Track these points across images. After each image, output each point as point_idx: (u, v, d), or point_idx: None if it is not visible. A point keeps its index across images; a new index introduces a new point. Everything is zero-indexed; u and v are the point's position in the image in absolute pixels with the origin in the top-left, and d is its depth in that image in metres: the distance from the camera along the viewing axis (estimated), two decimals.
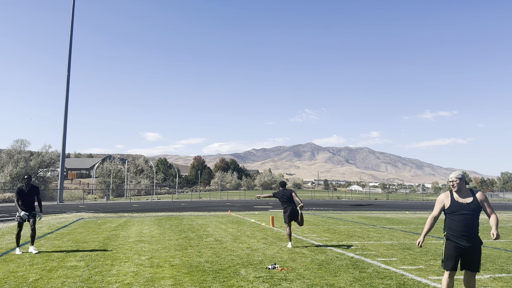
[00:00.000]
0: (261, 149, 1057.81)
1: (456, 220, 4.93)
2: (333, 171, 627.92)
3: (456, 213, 4.93)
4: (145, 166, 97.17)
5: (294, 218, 10.35)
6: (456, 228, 4.93)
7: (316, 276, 6.77)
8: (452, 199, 5.00)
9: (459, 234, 4.89)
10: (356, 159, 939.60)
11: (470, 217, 4.86)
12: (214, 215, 21.52)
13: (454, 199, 4.98)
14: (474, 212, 4.86)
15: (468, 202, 4.90)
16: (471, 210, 4.86)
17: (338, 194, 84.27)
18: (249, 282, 6.29)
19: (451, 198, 5.01)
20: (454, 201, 4.97)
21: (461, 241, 4.88)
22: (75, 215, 21.25)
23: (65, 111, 42.83)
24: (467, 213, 4.86)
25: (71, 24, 44.27)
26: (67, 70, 43.12)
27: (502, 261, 8.43)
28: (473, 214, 4.86)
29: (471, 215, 4.85)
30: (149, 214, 22.25)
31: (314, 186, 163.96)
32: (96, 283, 6.20)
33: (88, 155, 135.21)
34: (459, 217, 4.90)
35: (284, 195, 10.48)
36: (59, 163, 47.73)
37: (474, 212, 4.86)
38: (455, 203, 4.96)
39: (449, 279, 4.96)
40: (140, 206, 33.79)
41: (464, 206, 4.89)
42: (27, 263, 7.72)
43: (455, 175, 5.03)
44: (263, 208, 31.45)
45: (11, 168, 53.28)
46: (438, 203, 5.11)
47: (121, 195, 62.88)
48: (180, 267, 7.41)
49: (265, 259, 8.30)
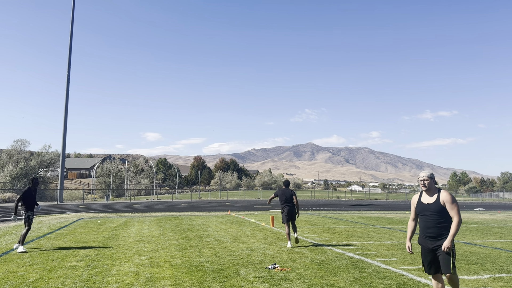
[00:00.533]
0: (261, 149, 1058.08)
1: (421, 222, 4.85)
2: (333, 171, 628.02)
3: (420, 214, 4.84)
4: (145, 166, 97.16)
5: (292, 218, 10.46)
6: (421, 230, 4.85)
7: (316, 276, 6.78)
8: (418, 200, 4.90)
9: (423, 236, 4.82)
10: (356, 159, 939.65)
11: (431, 218, 4.71)
12: (214, 215, 21.52)
13: (420, 200, 4.87)
14: (435, 213, 4.70)
15: (430, 203, 4.76)
16: (432, 211, 4.71)
17: (338, 194, 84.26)
18: (249, 282, 6.29)
19: (418, 199, 4.91)
20: (419, 202, 4.87)
21: (425, 243, 4.79)
22: (75, 215, 21.25)
23: (65, 111, 42.82)
24: (429, 214, 4.73)
25: (71, 24, 44.27)
26: (67, 70, 43.12)
27: (502, 261, 8.43)
28: (434, 216, 4.70)
29: (433, 216, 4.70)
30: (149, 214, 22.25)
31: (314, 186, 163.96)
32: (96, 283, 6.20)
33: (88, 155, 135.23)
34: (422, 218, 4.82)
35: (284, 194, 10.56)
36: (59, 163, 47.72)
37: (435, 213, 4.70)
38: (420, 204, 4.86)
39: (435, 281, 4.89)
40: (140, 206, 33.79)
41: (425, 207, 4.78)
42: (27, 263, 7.72)
43: (425, 174, 4.88)
44: (263, 208, 31.45)
45: (11, 168, 53.27)
46: (412, 205, 5.02)
47: (121, 195, 62.89)
48: (180, 267, 7.41)
49: (265, 259, 8.30)
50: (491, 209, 36.76)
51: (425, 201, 4.81)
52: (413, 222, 5.04)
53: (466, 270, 7.50)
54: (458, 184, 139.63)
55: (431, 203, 4.74)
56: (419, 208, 4.85)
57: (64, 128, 42.86)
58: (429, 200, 4.78)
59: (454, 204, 4.67)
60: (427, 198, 4.82)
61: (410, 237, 5.08)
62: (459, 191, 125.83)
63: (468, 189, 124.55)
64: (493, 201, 74.64)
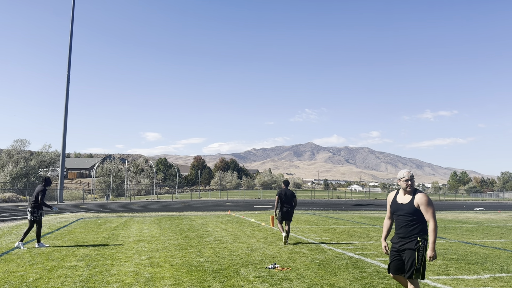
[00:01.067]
0: (261, 149, 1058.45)
1: (395, 221, 4.73)
2: (333, 171, 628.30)
3: (394, 214, 4.71)
4: (145, 166, 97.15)
5: (287, 219, 10.69)
6: (395, 230, 4.72)
7: (316, 276, 6.78)
8: (394, 199, 4.74)
9: (395, 236, 4.69)
10: (356, 159, 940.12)
11: (403, 219, 4.55)
12: (214, 215, 21.53)
13: (395, 199, 4.72)
14: (408, 214, 4.53)
15: (404, 203, 4.60)
16: (405, 212, 4.55)
17: (338, 194, 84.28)
18: (249, 282, 6.29)
19: (394, 197, 4.75)
20: (394, 201, 4.72)
21: (395, 243, 4.66)
22: (75, 215, 21.26)
23: (65, 111, 42.83)
24: (401, 214, 4.58)
25: (71, 24, 44.28)
26: (67, 70, 43.12)
27: (502, 261, 8.43)
28: (406, 216, 4.54)
29: (404, 217, 4.54)
30: (149, 214, 22.26)
31: (314, 186, 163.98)
32: (96, 283, 6.20)
33: (88, 155, 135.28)
34: (396, 218, 4.69)
35: (285, 194, 10.74)
36: (59, 163, 47.73)
37: (408, 214, 4.53)
38: (394, 203, 4.71)
39: (399, 282, 4.76)
40: (140, 206, 33.80)
41: (399, 207, 4.62)
42: (27, 263, 7.72)
43: (409, 174, 4.62)
44: (263, 208, 31.46)
45: (11, 168, 53.29)
46: (387, 202, 4.87)
47: (121, 195, 62.90)
48: (180, 267, 7.41)
49: (265, 259, 8.30)
50: (491, 208, 36.78)
51: (400, 200, 4.66)
52: (388, 221, 4.91)
53: (466, 269, 7.50)
54: (458, 183, 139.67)
55: (405, 203, 4.58)
56: (393, 207, 4.71)
57: (64, 127, 42.87)
58: (404, 200, 4.62)
59: (429, 207, 4.47)
60: (403, 198, 4.66)
61: (385, 236, 4.93)
62: (459, 190, 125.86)
63: (468, 188, 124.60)
64: (493, 200, 74.66)
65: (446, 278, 6.77)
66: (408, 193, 4.62)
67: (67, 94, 42.97)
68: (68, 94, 43.12)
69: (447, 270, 7.45)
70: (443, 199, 73.97)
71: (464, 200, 75.15)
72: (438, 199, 73.13)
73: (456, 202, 60.64)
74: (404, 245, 4.54)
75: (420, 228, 4.51)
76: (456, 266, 7.83)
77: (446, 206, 41.89)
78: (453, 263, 8.10)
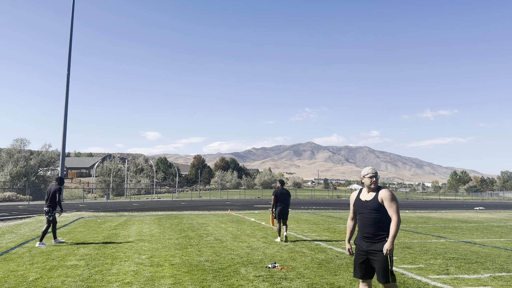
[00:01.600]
0: (261, 148, 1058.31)
1: (358, 221, 4.45)
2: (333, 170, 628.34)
3: (358, 213, 4.45)
4: (145, 165, 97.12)
5: (284, 217, 11.12)
6: (358, 230, 4.45)
7: (316, 275, 6.77)
8: (357, 198, 4.51)
9: (359, 236, 4.41)
10: (356, 158, 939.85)
11: (368, 216, 4.30)
12: (214, 214, 21.53)
13: (359, 197, 4.49)
14: (372, 211, 4.28)
15: (368, 200, 4.37)
16: (369, 209, 4.31)
17: (338, 193, 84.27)
18: (249, 281, 6.29)
19: (357, 196, 4.52)
20: (358, 199, 4.48)
21: (361, 244, 4.37)
22: (75, 214, 21.25)
23: (65, 110, 42.80)
24: (366, 212, 4.33)
25: (71, 23, 44.23)
26: (67, 69, 43.09)
27: (502, 260, 8.43)
28: (371, 214, 4.29)
29: (369, 215, 4.29)
30: (149, 213, 22.26)
31: (314, 185, 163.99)
32: (96, 282, 6.20)
33: (88, 154, 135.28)
34: (360, 217, 4.42)
35: (282, 194, 11.22)
36: (59, 162, 47.69)
37: (372, 211, 4.28)
38: (358, 201, 4.47)
39: (362, 285, 4.44)
40: (140, 205, 33.80)
41: (363, 204, 4.39)
42: (27, 262, 7.72)
43: (373, 170, 4.43)
44: (263, 207, 31.46)
45: (11, 167, 53.26)
46: (350, 202, 4.62)
47: (121, 194, 62.90)
48: (180, 266, 7.41)
49: (265, 258, 8.30)
50: (491, 208, 36.78)
51: (364, 198, 4.43)
52: (352, 222, 4.62)
53: (466, 269, 7.50)
54: (458, 183, 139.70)
55: (369, 200, 4.36)
56: (356, 205, 4.47)
57: (64, 127, 42.86)
58: (368, 197, 4.40)
59: (393, 202, 4.26)
60: (366, 195, 4.43)
61: (349, 238, 4.62)
62: (459, 190, 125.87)
63: (468, 188, 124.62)
64: (493, 200, 74.65)
65: (446, 278, 6.77)
66: (372, 190, 4.41)
67: (67, 93, 42.94)
68: (68, 93, 43.08)
69: (447, 269, 7.44)
70: (443, 199, 73.97)
71: (464, 199, 75.16)
72: (438, 199, 73.15)
73: (456, 201, 60.65)
74: (373, 246, 4.27)
75: (387, 226, 4.27)
76: (456, 265, 7.83)
77: (446, 205, 41.90)
78: (453, 263, 8.10)
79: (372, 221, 4.28)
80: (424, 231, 14.19)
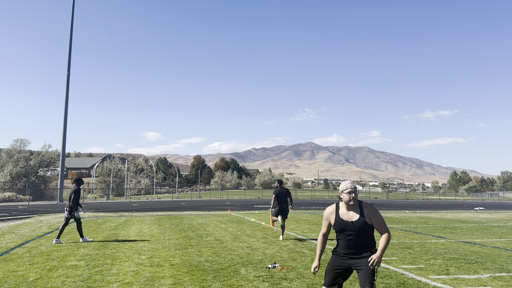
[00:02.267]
0: (261, 148, 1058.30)
1: (341, 240, 4.08)
2: (333, 171, 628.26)
3: (341, 233, 4.06)
4: (145, 165, 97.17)
5: (283, 215, 11.55)
6: (340, 249, 4.09)
7: (316, 276, 6.77)
8: (337, 216, 4.08)
9: (343, 254, 4.05)
10: (356, 159, 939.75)
11: (355, 238, 3.97)
12: (214, 215, 21.53)
13: (339, 216, 4.06)
14: (359, 232, 3.97)
15: (354, 221, 3.98)
16: (355, 230, 3.96)
17: (338, 193, 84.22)
18: (249, 281, 6.29)
19: (336, 214, 4.09)
20: (339, 218, 4.05)
21: (344, 262, 4.06)
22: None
23: (65, 111, 42.83)
24: (352, 233, 3.98)
25: (71, 23, 44.27)
26: (67, 70, 43.12)
27: (502, 260, 8.43)
28: (358, 235, 3.97)
29: (357, 236, 3.98)
30: (149, 214, 22.26)
31: (314, 186, 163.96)
32: (96, 282, 6.20)
33: (88, 154, 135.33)
34: (342, 237, 4.05)
35: (281, 193, 11.59)
36: (59, 163, 47.74)
37: (359, 232, 3.97)
38: (339, 220, 4.04)
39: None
40: (140, 205, 33.80)
41: (348, 226, 3.99)
42: (27, 262, 7.72)
43: (352, 185, 4.06)
44: (263, 207, 31.46)
45: (11, 167, 53.26)
46: (325, 219, 4.20)
47: (121, 194, 62.92)
48: (180, 267, 7.41)
49: (265, 259, 8.30)
50: (491, 208, 36.77)
51: (346, 217, 4.03)
52: (324, 238, 4.24)
53: (466, 269, 7.50)
54: (458, 183, 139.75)
55: (355, 220, 3.99)
56: (338, 225, 4.05)
57: (64, 127, 42.88)
58: (351, 216, 4.01)
59: (382, 220, 4.02)
60: (348, 213, 4.04)
61: (320, 255, 4.23)
62: (459, 190, 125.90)
63: (468, 188, 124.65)
64: (493, 200, 74.65)
65: (446, 278, 6.76)
66: (352, 208, 4.03)
67: (67, 93, 42.96)
68: (68, 93, 43.13)
69: (447, 269, 7.44)
70: (443, 199, 73.96)
71: (464, 199, 75.16)
72: (438, 199, 73.14)
73: (456, 201, 60.64)
74: (359, 261, 3.99)
75: (372, 242, 4.05)
76: (456, 265, 7.83)
77: (446, 205, 41.90)
78: (453, 263, 8.09)
79: (360, 241, 3.98)
80: (424, 231, 14.19)
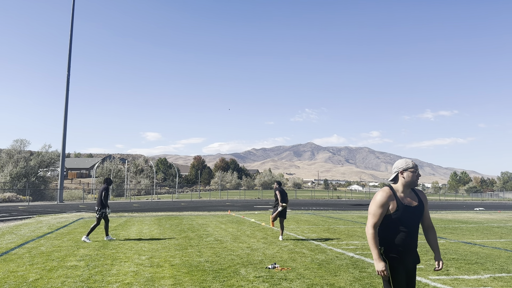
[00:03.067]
0: (261, 148, 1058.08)
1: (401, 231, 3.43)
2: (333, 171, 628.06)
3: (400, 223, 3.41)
4: (145, 166, 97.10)
5: (283, 216, 11.86)
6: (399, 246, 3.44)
7: (316, 276, 6.77)
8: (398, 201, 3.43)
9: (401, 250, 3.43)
10: (356, 159, 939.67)
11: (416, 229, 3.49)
12: (214, 215, 21.52)
13: (400, 200, 3.44)
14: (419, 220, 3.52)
15: (415, 205, 3.47)
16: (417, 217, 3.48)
17: (338, 193, 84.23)
18: (249, 282, 6.29)
19: (396, 198, 3.44)
20: (401, 203, 3.42)
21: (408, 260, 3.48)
22: (75, 215, 21.25)
23: (65, 111, 42.82)
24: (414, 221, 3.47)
25: (71, 23, 44.26)
26: (67, 70, 43.11)
27: (502, 261, 8.43)
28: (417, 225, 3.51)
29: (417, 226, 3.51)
30: (149, 214, 22.25)
31: (314, 186, 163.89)
32: (96, 282, 6.20)
33: (88, 154, 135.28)
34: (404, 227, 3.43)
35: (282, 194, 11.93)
36: (59, 163, 47.71)
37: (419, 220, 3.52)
38: (403, 207, 3.42)
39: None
40: (140, 205, 33.79)
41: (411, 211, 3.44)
42: (27, 262, 7.71)
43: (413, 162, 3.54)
44: (263, 207, 31.45)
45: (11, 168, 53.23)
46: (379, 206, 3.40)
47: (121, 195, 62.86)
48: (180, 267, 7.41)
49: (265, 259, 8.30)
50: (491, 208, 36.76)
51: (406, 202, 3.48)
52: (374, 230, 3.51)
53: (466, 269, 7.50)
54: (458, 183, 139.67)
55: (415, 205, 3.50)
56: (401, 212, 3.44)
57: (64, 127, 42.87)
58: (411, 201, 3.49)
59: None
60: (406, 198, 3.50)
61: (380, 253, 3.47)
62: (459, 190, 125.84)
63: (468, 188, 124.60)
64: (493, 200, 74.64)
65: (446, 278, 6.76)
66: (409, 191, 3.51)
67: (67, 94, 42.96)
68: (68, 94, 43.11)
69: (447, 270, 7.44)
70: (443, 199, 73.92)
71: (464, 200, 75.13)
72: (438, 199, 73.09)
73: (456, 202, 60.62)
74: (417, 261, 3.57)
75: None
76: (456, 266, 7.83)
77: (446, 206, 41.88)
78: (453, 263, 8.09)
79: (417, 233, 3.44)
80: None
